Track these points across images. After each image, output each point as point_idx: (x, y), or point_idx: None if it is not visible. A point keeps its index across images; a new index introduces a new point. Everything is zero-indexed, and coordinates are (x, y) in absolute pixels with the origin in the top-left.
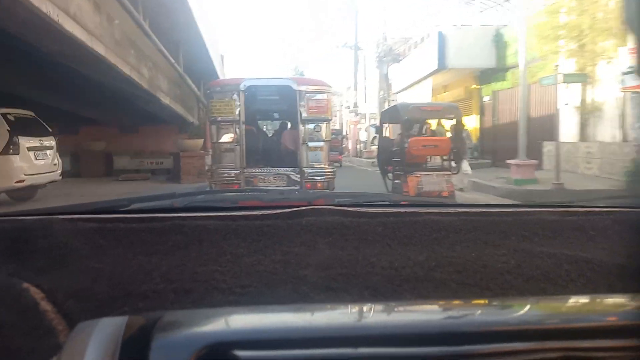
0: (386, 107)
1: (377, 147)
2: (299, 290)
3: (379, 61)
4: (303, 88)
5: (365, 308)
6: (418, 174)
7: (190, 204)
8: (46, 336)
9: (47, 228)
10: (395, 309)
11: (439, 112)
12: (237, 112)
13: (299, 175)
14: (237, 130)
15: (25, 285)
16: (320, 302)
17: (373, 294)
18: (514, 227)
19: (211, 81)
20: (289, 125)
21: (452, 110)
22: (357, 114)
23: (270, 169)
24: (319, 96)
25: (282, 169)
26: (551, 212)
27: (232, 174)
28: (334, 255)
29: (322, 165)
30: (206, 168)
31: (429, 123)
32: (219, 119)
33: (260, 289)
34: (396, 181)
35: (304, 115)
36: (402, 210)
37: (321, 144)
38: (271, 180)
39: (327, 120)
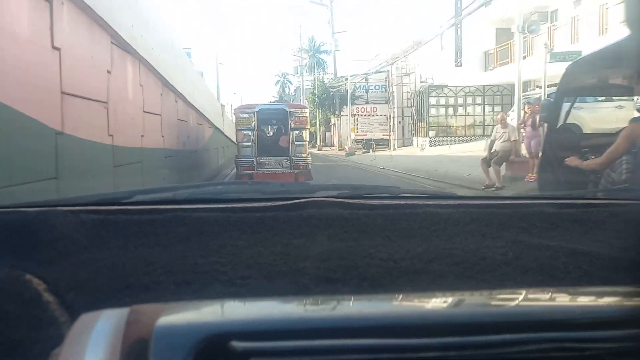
0: None
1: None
2: (299, 281)
3: None
4: (292, 110)
5: (363, 300)
6: None
7: (191, 196)
8: (49, 327)
9: (49, 220)
10: (394, 301)
11: None
12: (253, 124)
13: (289, 161)
14: (253, 134)
15: (28, 276)
16: (319, 294)
17: (372, 286)
18: (513, 219)
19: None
20: (283, 131)
21: None
22: None
23: (272, 157)
24: (300, 115)
25: (279, 157)
26: (549, 204)
27: (249, 160)
28: (333, 247)
29: (303, 155)
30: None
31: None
32: (243, 127)
33: (260, 280)
34: None
35: (292, 125)
36: (401, 202)
37: (302, 142)
38: (272, 163)
39: (306, 129)
